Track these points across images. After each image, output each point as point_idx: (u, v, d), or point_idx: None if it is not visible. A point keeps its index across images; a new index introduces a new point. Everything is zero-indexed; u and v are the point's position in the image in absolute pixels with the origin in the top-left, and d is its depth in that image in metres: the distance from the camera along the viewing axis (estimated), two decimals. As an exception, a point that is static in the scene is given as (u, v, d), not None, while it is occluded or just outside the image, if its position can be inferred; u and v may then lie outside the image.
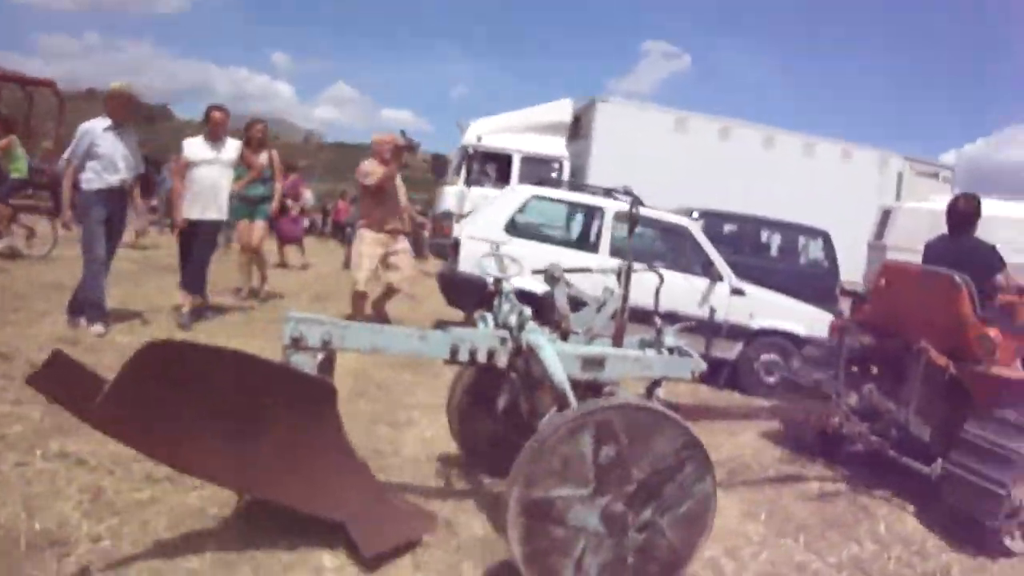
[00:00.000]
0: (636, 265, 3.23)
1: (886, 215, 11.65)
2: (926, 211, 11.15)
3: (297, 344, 2.56)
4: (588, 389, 2.91)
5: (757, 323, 6.38)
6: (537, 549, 2.38)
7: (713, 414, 4.12)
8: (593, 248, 6.43)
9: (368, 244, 6.10)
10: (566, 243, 6.84)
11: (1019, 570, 3.57)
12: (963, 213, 4.52)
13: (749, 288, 6.64)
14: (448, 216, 10.20)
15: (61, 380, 2.27)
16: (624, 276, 3.26)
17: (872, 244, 11.74)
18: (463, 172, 12.30)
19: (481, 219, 6.66)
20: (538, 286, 6.32)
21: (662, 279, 3.59)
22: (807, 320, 6.71)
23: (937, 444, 4.13)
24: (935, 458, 4.00)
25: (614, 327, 3.22)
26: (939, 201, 11.91)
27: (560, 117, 12.86)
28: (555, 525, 2.39)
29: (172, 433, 2.34)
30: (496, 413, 3.52)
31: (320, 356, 2.67)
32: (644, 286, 3.65)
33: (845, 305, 11.51)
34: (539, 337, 2.84)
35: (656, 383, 3.16)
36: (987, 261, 4.35)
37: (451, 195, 11.87)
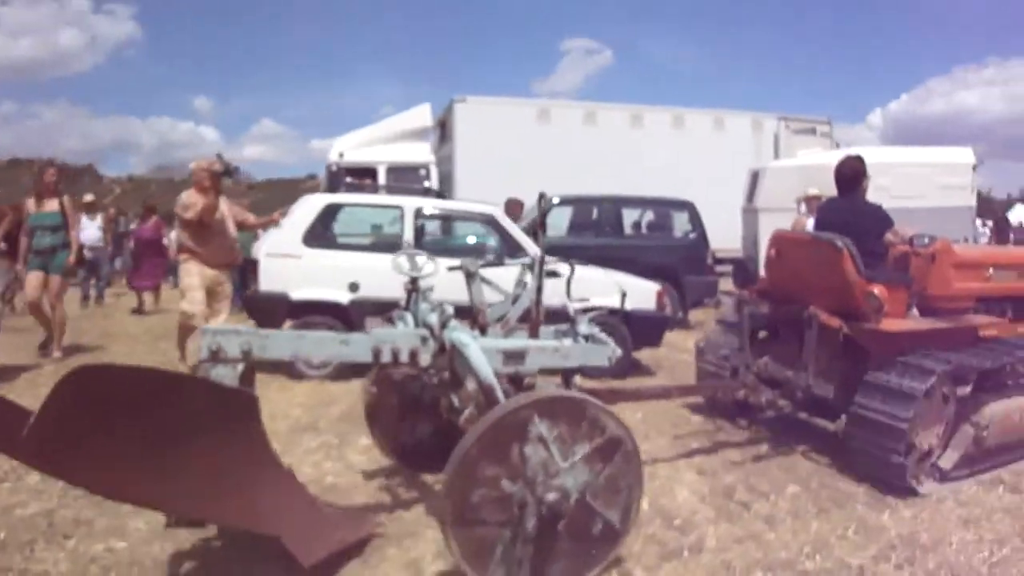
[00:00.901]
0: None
1: (755, 177, 11.64)
2: (793, 168, 11.15)
3: (216, 357, 2.51)
4: (509, 382, 2.93)
5: (575, 303, 6.09)
6: (472, 537, 2.42)
7: (627, 396, 4.16)
8: (394, 249, 6.08)
9: (195, 276, 5.61)
10: (367, 247, 6.50)
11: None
12: (848, 175, 4.55)
13: (564, 268, 6.36)
14: None
15: None
16: (537, 269, 3.30)
17: (744, 207, 11.71)
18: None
19: (277, 235, 6.29)
20: (343, 295, 6.02)
21: (573, 269, 3.71)
22: (630, 293, 6.45)
23: (841, 401, 4.20)
24: (840, 415, 4.09)
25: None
26: (807, 156, 11.98)
27: (421, 123, 12.56)
28: (490, 513, 2.44)
29: (100, 460, 2.20)
30: (413, 414, 3.54)
31: (240, 367, 2.61)
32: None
33: (728, 272, 11.52)
34: (463, 335, 2.88)
35: (571, 372, 3.15)
36: (875, 221, 4.38)
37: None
